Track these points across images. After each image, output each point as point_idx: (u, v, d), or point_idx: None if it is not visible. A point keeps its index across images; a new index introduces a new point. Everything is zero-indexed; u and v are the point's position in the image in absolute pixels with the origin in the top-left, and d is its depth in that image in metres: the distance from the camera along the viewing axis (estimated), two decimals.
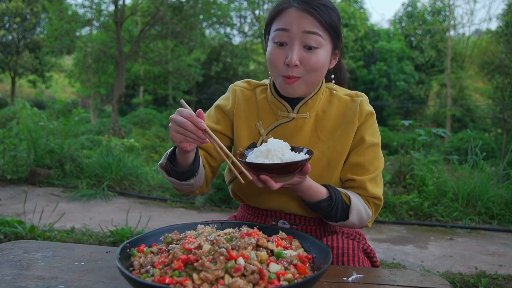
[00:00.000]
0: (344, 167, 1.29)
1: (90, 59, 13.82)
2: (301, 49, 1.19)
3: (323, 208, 1.19)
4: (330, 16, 1.20)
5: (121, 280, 1.01)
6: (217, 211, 4.82)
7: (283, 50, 1.20)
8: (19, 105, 6.28)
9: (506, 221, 4.36)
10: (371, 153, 1.27)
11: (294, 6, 1.19)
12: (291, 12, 1.19)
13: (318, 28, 1.18)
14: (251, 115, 1.34)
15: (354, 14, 18.85)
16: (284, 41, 1.20)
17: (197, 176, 1.25)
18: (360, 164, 1.26)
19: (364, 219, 1.24)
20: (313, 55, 1.19)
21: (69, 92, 26.79)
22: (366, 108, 1.29)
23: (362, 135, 1.27)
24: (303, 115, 1.29)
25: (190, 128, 1.05)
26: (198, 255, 0.89)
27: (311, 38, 1.18)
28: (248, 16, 19.67)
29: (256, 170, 1.08)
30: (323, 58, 1.21)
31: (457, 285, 2.76)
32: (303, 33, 1.17)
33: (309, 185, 1.16)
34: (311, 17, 1.18)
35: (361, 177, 1.25)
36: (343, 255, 1.25)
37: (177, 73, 14.89)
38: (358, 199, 1.24)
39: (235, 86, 1.40)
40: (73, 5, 15.18)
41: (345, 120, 1.28)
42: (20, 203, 4.45)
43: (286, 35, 1.19)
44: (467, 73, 18.63)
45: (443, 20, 20.44)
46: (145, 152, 8.70)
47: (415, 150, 5.31)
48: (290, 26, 1.19)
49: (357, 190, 1.26)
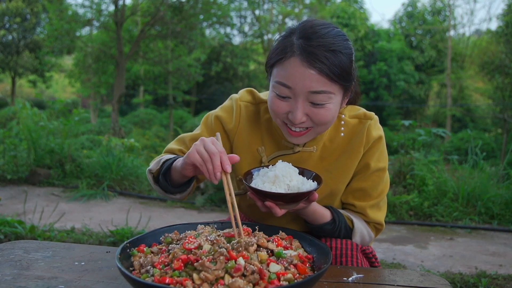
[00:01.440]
0: (346, 190, 1.27)
1: (90, 59, 13.81)
2: (307, 105, 1.08)
3: (326, 231, 1.20)
4: (339, 63, 1.05)
5: (121, 280, 1.01)
6: (217, 211, 4.82)
7: (286, 103, 1.10)
8: (19, 105, 6.28)
9: (506, 221, 4.36)
10: (375, 179, 1.24)
11: (298, 56, 1.05)
12: (295, 65, 1.05)
13: (326, 85, 1.05)
14: (254, 138, 1.28)
15: (354, 14, 18.84)
16: (286, 96, 1.09)
17: (185, 193, 1.22)
18: (362, 189, 1.24)
19: (366, 240, 1.26)
20: (321, 110, 1.08)
21: (69, 92, 26.78)
22: (373, 134, 1.22)
23: (368, 161, 1.23)
24: (310, 149, 1.23)
25: (215, 163, 0.98)
26: (198, 255, 0.89)
27: (318, 97, 1.06)
28: (248, 16, 19.69)
29: (261, 196, 1.06)
30: (333, 111, 1.10)
31: (457, 285, 2.75)
32: (309, 93, 1.06)
33: (313, 209, 1.15)
34: (317, 73, 1.04)
35: (362, 203, 1.24)
36: (341, 255, 1.26)
37: (177, 73, 14.88)
38: (361, 223, 1.24)
39: (240, 101, 1.29)
40: (73, 5, 15.19)
41: (350, 146, 1.23)
42: (20, 203, 4.45)
43: (289, 91, 1.08)
44: (467, 73, 18.62)
45: (443, 20, 20.43)
46: (145, 152, 8.69)
47: (415, 150, 5.31)
48: (293, 85, 1.06)
49: (358, 215, 1.27)
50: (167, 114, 17.65)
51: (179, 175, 1.13)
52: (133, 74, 16.98)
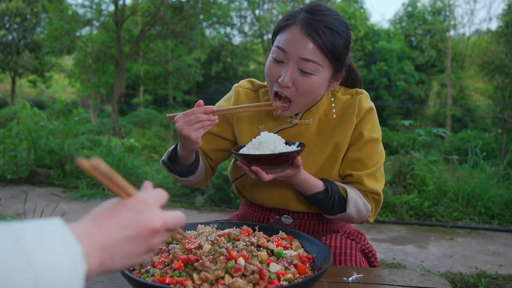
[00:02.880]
0: (343, 163, 1.30)
1: (90, 59, 13.81)
2: (296, 72, 1.17)
3: (319, 201, 1.21)
4: (333, 41, 1.15)
5: (121, 280, 1.01)
6: (217, 211, 4.82)
7: (279, 67, 1.20)
8: (19, 105, 6.27)
9: (506, 221, 4.36)
10: (369, 149, 1.27)
11: (299, 25, 1.16)
12: (294, 32, 1.17)
13: (316, 55, 1.15)
14: (254, 117, 1.35)
15: (354, 14, 18.83)
16: (281, 60, 1.19)
17: (196, 174, 1.31)
18: (358, 159, 1.27)
19: (363, 212, 1.25)
20: (306, 80, 1.17)
21: (69, 92, 26.78)
22: (364, 105, 1.29)
23: (361, 130, 1.27)
24: (306, 121, 1.29)
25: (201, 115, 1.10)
26: (198, 255, 0.89)
27: (307, 65, 1.16)
28: (248, 16, 19.69)
29: (248, 161, 1.10)
30: (317, 84, 1.19)
31: (457, 285, 2.76)
32: (300, 59, 1.16)
33: (304, 178, 1.18)
34: (311, 42, 1.15)
35: (358, 172, 1.26)
36: (340, 254, 1.27)
37: (177, 73, 14.88)
38: (355, 192, 1.26)
39: (239, 87, 1.40)
40: (73, 5, 15.18)
41: (344, 117, 1.29)
42: (20, 203, 4.45)
43: (283, 55, 1.18)
44: (467, 73, 18.62)
45: (443, 20, 20.43)
46: (145, 152, 8.70)
47: (415, 150, 5.31)
48: (288, 48, 1.17)
49: (355, 185, 1.28)
50: (167, 114, 17.63)
51: (182, 156, 1.23)
52: (133, 74, 16.98)
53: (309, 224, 1.35)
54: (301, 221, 1.34)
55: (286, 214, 1.35)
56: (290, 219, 1.34)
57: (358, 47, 18.84)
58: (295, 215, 1.34)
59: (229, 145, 1.40)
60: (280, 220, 1.35)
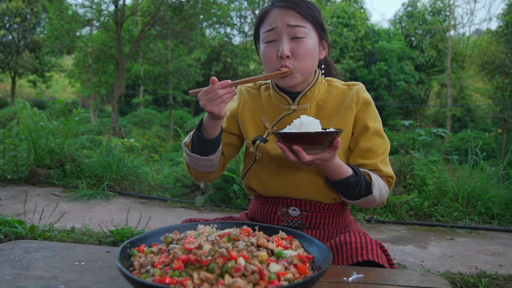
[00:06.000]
0: (354, 153, 1.36)
1: (90, 59, 13.82)
2: (290, 41, 1.27)
3: (350, 184, 1.25)
4: (311, 10, 1.29)
5: (121, 280, 1.01)
6: (217, 211, 4.82)
7: (274, 46, 1.29)
8: (19, 105, 6.26)
9: (506, 221, 4.36)
10: (377, 138, 1.35)
11: (276, 6, 1.29)
12: (275, 12, 1.29)
13: (302, 21, 1.27)
14: (256, 111, 1.43)
15: (354, 14, 18.84)
16: (273, 39, 1.29)
17: (217, 153, 1.35)
18: (369, 149, 1.34)
19: (383, 194, 1.33)
20: (301, 44, 1.27)
21: (69, 92, 26.80)
22: (362, 94, 1.36)
23: (365, 122, 1.34)
24: (303, 106, 1.37)
25: (219, 91, 1.19)
26: (198, 255, 0.89)
27: (296, 30, 1.27)
28: (248, 16, 19.71)
29: (289, 141, 1.13)
30: (312, 46, 1.29)
31: (457, 285, 2.76)
32: (288, 27, 1.26)
33: (338, 163, 1.23)
34: (293, 11, 1.27)
35: (372, 160, 1.33)
36: (361, 248, 1.22)
37: (177, 73, 14.90)
38: (376, 176, 1.32)
39: (242, 87, 1.49)
40: (73, 5, 15.20)
41: (343, 106, 1.36)
42: (20, 203, 4.45)
43: (274, 33, 1.28)
44: (467, 73, 18.63)
45: (443, 20, 20.44)
46: (145, 152, 8.69)
47: (415, 150, 5.31)
48: (275, 24, 1.28)
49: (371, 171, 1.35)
50: (167, 114, 17.67)
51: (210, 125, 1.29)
52: (133, 74, 16.99)
53: (316, 216, 1.36)
54: (308, 213, 1.36)
55: (293, 206, 1.36)
56: (297, 211, 1.36)
57: (358, 47, 18.83)
58: (303, 206, 1.36)
59: (235, 139, 1.48)
60: (287, 213, 1.37)
